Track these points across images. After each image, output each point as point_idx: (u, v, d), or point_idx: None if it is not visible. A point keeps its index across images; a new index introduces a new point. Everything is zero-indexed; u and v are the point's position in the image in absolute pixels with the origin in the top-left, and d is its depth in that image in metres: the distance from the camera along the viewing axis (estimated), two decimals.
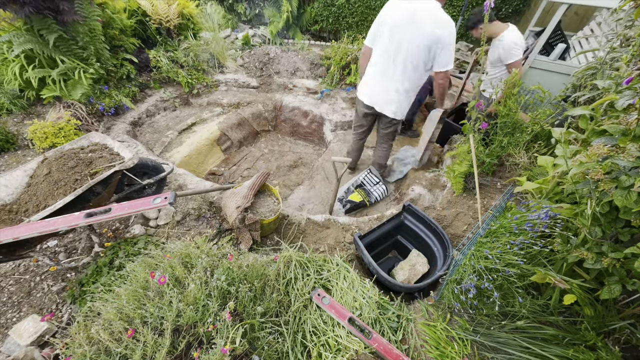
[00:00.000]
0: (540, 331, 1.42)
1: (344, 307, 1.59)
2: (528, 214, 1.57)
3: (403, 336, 1.60)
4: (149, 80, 3.88)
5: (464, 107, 3.68)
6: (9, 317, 1.74)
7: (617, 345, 1.27)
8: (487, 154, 2.62)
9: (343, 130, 3.85)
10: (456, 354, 1.47)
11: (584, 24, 4.22)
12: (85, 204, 1.77)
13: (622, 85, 1.27)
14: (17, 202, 1.75)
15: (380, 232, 2.16)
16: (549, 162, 1.87)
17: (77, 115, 3.04)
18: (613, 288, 1.22)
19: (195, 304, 1.39)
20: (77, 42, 3.01)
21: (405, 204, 2.23)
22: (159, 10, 3.93)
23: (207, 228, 2.26)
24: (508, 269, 1.44)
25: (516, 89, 2.42)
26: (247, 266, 1.64)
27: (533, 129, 2.53)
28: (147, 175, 2.22)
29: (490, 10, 2.09)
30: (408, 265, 2.02)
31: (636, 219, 1.10)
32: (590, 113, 1.39)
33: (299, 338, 1.51)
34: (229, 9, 6.32)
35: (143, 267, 1.59)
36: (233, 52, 4.72)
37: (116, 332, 1.33)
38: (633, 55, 1.52)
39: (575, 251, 1.29)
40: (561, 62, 3.39)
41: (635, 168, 1.10)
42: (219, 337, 1.30)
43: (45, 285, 1.89)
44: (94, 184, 1.72)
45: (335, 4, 5.77)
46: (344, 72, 4.33)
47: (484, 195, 2.53)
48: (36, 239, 1.66)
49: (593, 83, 1.52)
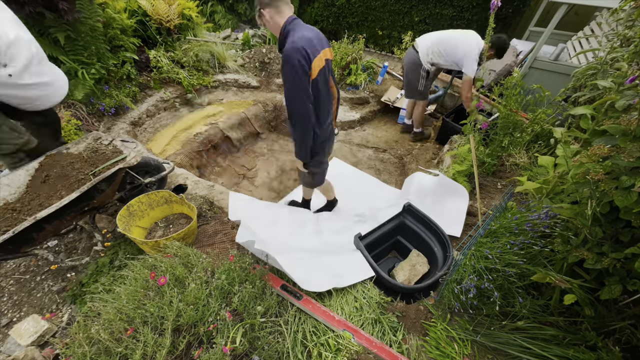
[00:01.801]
0: (541, 331, 1.42)
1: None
2: (528, 214, 1.57)
3: (403, 336, 1.60)
4: (149, 80, 3.88)
5: (464, 107, 3.68)
6: (10, 317, 1.75)
7: (617, 346, 1.26)
8: (488, 154, 2.62)
9: (343, 130, 3.85)
10: (456, 354, 1.47)
11: (584, 24, 4.22)
12: (89, 201, 1.78)
13: (624, 85, 1.27)
14: (19, 201, 1.75)
15: (380, 232, 2.16)
16: (549, 162, 1.87)
17: (78, 115, 3.04)
18: (613, 288, 1.22)
19: (196, 303, 1.39)
20: (78, 42, 3.02)
21: (405, 204, 2.23)
22: (159, 11, 3.93)
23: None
24: (508, 269, 1.44)
25: (517, 89, 2.42)
26: (249, 264, 1.65)
27: (533, 128, 2.53)
28: (149, 174, 2.23)
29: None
30: (408, 266, 2.02)
31: (636, 219, 1.10)
32: (591, 113, 1.39)
33: (299, 338, 1.51)
34: (229, 9, 6.32)
35: (143, 267, 1.60)
36: (233, 52, 4.72)
37: (116, 332, 1.33)
38: (634, 54, 1.52)
39: (575, 251, 1.29)
40: (561, 62, 3.40)
41: (636, 168, 1.10)
42: (220, 337, 1.30)
43: (46, 285, 1.90)
44: (99, 181, 1.72)
45: (335, 4, 5.77)
46: (344, 72, 4.32)
47: (484, 195, 2.53)
48: (41, 236, 1.67)
49: (594, 83, 1.51)
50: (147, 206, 2.05)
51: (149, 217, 2.10)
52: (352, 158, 3.30)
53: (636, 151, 1.11)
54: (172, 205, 2.16)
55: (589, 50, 2.16)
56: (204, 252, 1.92)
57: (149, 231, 2.10)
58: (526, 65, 3.51)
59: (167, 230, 2.10)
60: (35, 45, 1.68)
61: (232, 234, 2.15)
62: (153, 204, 2.08)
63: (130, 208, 1.94)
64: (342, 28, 5.97)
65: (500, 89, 2.53)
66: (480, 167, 2.67)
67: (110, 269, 1.86)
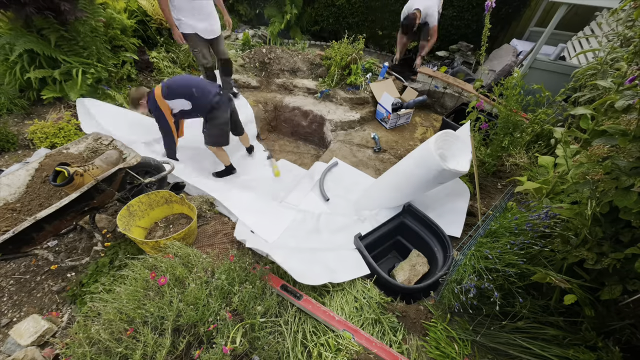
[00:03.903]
0: (541, 331, 1.42)
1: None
2: (528, 214, 1.57)
3: (403, 336, 1.60)
4: (150, 80, 3.88)
5: (464, 107, 3.68)
6: (10, 317, 1.74)
7: (617, 346, 1.26)
8: (488, 154, 2.62)
9: (344, 130, 3.85)
10: (456, 354, 1.47)
11: (584, 24, 4.21)
12: (89, 201, 1.78)
13: (624, 85, 1.27)
14: (19, 201, 1.75)
15: (380, 232, 2.16)
16: (549, 162, 1.87)
17: (78, 115, 3.04)
18: (613, 288, 1.22)
19: (196, 303, 1.39)
20: (77, 42, 3.02)
21: (405, 204, 2.23)
22: (160, 11, 3.93)
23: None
24: (508, 269, 1.44)
25: (517, 89, 2.42)
26: (249, 264, 1.65)
27: (533, 129, 2.52)
28: (149, 174, 2.23)
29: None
30: (408, 266, 2.02)
31: (636, 219, 1.10)
32: (591, 113, 1.39)
33: (299, 338, 1.51)
34: (229, 9, 6.32)
35: (143, 267, 1.60)
36: (233, 52, 4.72)
37: (116, 332, 1.33)
38: (634, 54, 1.52)
39: (575, 251, 1.29)
40: (561, 62, 3.40)
41: (636, 168, 1.10)
42: (220, 337, 1.30)
43: (46, 285, 1.90)
44: (99, 181, 1.72)
45: (335, 4, 5.77)
46: (344, 72, 4.32)
47: (484, 195, 2.53)
48: (41, 236, 1.67)
49: (594, 83, 1.51)
50: (147, 206, 2.05)
51: (149, 217, 2.10)
52: (352, 158, 3.30)
53: (636, 151, 1.11)
54: (172, 205, 2.16)
55: (589, 50, 2.16)
56: (204, 252, 1.92)
57: (149, 231, 2.10)
58: (526, 65, 3.51)
59: (167, 230, 2.10)
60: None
61: (232, 234, 2.15)
62: (153, 204, 2.08)
63: (130, 208, 1.94)
64: (342, 28, 5.96)
65: (500, 89, 2.53)
66: (480, 167, 2.67)
67: (110, 269, 1.86)
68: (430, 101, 4.41)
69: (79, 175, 1.70)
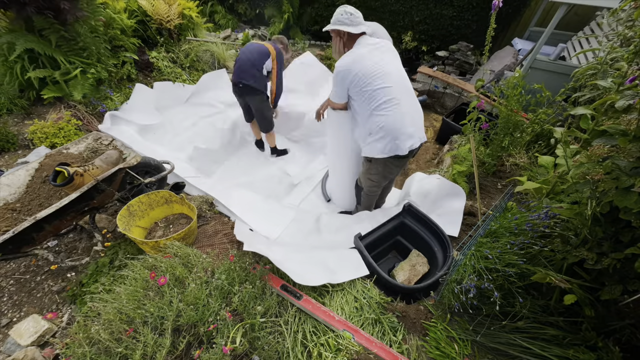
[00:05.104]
0: (541, 331, 1.42)
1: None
2: (528, 214, 1.57)
3: (403, 336, 1.60)
4: (150, 80, 3.88)
5: (464, 107, 3.69)
6: (10, 317, 1.74)
7: (617, 346, 1.26)
8: (488, 154, 2.62)
9: None
10: (456, 354, 1.47)
11: (584, 24, 4.22)
12: (89, 201, 1.78)
13: (624, 85, 1.27)
14: (19, 201, 1.75)
15: (380, 232, 2.16)
16: (549, 162, 1.87)
17: (78, 115, 3.05)
18: (614, 288, 1.22)
19: (196, 303, 1.39)
20: (77, 42, 3.02)
21: (405, 205, 2.23)
22: (160, 11, 3.93)
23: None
24: (508, 269, 1.44)
25: (518, 89, 2.42)
26: (249, 264, 1.65)
27: (534, 129, 2.52)
28: (149, 174, 2.23)
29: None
30: (408, 266, 2.02)
31: (636, 219, 1.10)
32: (591, 113, 1.39)
33: (299, 338, 1.51)
34: (229, 9, 6.32)
35: (143, 267, 1.60)
36: (233, 52, 4.72)
37: (116, 332, 1.33)
38: (634, 54, 1.52)
39: (575, 251, 1.29)
40: (561, 62, 3.40)
41: (636, 168, 1.10)
42: (220, 337, 1.30)
43: (46, 285, 1.90)
44: (99, 181, 1.72)
45: (335, 4, 5.77)
46: None
47: (484, 195, 2.53)
48: (41, 236, 1.67)
49: (594, 83, 1.51)
50: (147, 206, 2.05)
51: (149, 217, 2.10)
52: None
53: (636, 151, 1.11)
54: (172, 205, 2.16)
55: (589, 50, 2.16)
56: (204, 252, 1.92)
57: (149, 231, 2.10)
58: (526, 65, 3.51)
59: (167, 230, 2.10)
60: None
61: (232, 233, 2.15)
62: (153, 204, 2.08)
63: (130, 208, 1.94)
64: None
65: (501, 88, 2.53)
66: (481, 167, 2.67)
67: (110, 269, 1.86)
68: (430, 101, 4.42)
69: (79, 176, 1.70)
